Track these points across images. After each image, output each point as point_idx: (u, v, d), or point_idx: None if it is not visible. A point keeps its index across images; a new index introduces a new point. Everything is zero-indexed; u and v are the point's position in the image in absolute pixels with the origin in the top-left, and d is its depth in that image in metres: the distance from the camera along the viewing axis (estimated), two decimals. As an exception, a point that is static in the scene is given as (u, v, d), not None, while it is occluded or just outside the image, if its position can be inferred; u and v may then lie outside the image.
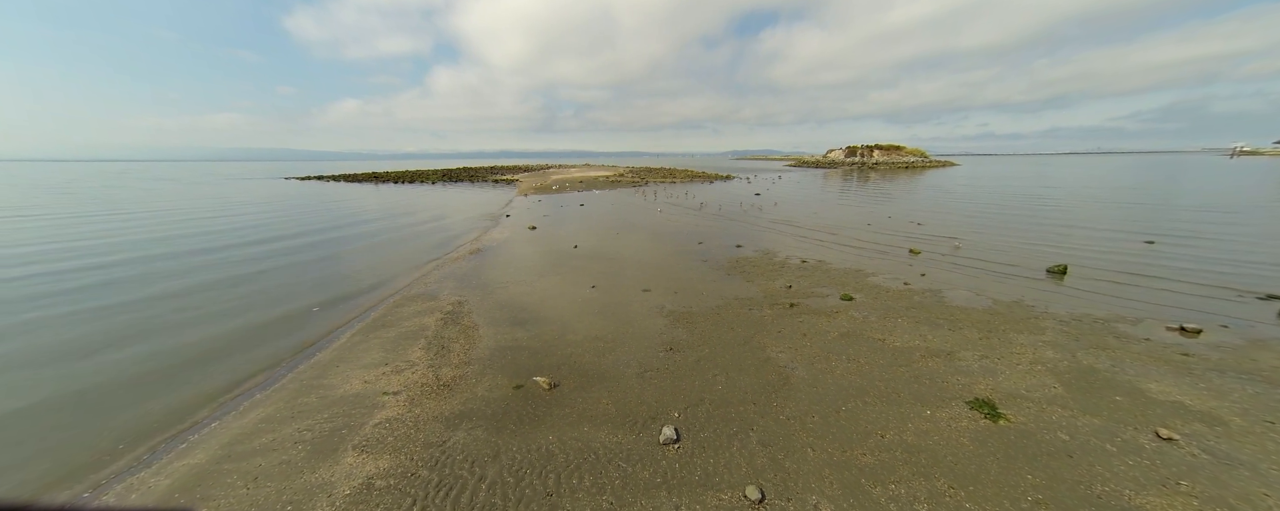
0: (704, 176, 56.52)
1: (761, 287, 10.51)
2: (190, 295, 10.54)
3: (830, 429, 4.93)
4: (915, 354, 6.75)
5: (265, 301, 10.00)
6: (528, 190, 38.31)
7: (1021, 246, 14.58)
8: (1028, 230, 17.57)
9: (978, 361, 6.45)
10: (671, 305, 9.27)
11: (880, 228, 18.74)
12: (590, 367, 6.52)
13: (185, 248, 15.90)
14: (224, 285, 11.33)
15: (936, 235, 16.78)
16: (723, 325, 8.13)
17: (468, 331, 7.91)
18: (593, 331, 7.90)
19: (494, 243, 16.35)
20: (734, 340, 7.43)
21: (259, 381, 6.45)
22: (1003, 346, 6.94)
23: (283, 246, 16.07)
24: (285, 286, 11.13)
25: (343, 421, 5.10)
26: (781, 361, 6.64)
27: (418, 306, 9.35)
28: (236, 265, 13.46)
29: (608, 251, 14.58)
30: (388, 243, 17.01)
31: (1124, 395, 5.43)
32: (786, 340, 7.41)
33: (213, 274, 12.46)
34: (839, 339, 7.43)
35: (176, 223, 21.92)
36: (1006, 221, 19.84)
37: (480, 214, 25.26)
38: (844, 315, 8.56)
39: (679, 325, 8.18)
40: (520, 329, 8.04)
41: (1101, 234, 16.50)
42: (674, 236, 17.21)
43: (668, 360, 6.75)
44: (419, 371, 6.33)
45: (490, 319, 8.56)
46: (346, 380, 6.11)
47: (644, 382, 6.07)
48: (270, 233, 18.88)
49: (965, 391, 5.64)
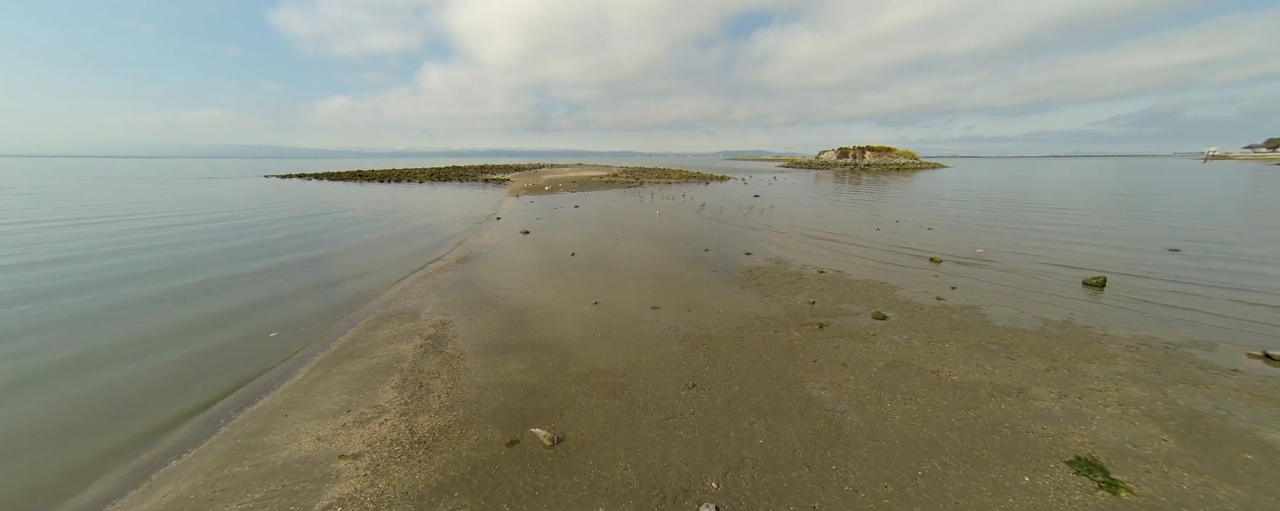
0: (699, 177, 55.61)
1: (782, 304, 9.50)
2: (116, 318, 8.89)
3: (912, 506, 3.90)
4: (980, 391, 5.77)
5: (211, 324, 8.51)
6: (519, 191, 36.93)
7: (1044, 254, 13.81)
8: (1043, 236, 16.87)
9: (1057, 401, 5.49)
10: (686, 327, 8.20)
11: (891, 233, 17.91)
12: (600, 413, 5.41)
13: (128, 260, 14.23)
14: (165, 303, 9.78)
15: (952, 241, 15.98)
16: (748, 352, 7.07)
17: (452, 362, 6.72)
18: (599, 361, 6.78)
19: (484, 249, 15.10)
20: (765, 373, 6.38)
21: (182, 439, 5.12)
22: (1077, 381, 6.00)
23: (244, 255, 14.54)
24: (239, 305, 9.62)
25: (280, 504, 3.91)
26: (826, 401, 5.60)
27: (394, 329, 8.12)
28: (186, 274, 11.97)
29: (608, 260, 13.45)
30: (366, 248, 15.63)
31: (1254, 451, 4.50)
32: (825, 373, 6.38)
33: (153, 286, 10.91)
34: (885, 370, 6.42)
35: (128, 229, 20.16)
36: (1020, 226, 19.17)
37: (469, 216, 23.90)
38: (882, 339, 7.57)
39: (698, 352, 7.11)
40: (514, 358, 6.89)
41: (1120, 240, 15.86)
42: (677, 242, 16.14)
43: (692, 401, 5.67)
44: (389, 422, 5.15)
45: (479, 345, 7.39)
46: (295, 437, 4.89)
47: (667, 435, 4.98)
48: (232, 240, 17.29)
49: (1058, 445, 4.66)
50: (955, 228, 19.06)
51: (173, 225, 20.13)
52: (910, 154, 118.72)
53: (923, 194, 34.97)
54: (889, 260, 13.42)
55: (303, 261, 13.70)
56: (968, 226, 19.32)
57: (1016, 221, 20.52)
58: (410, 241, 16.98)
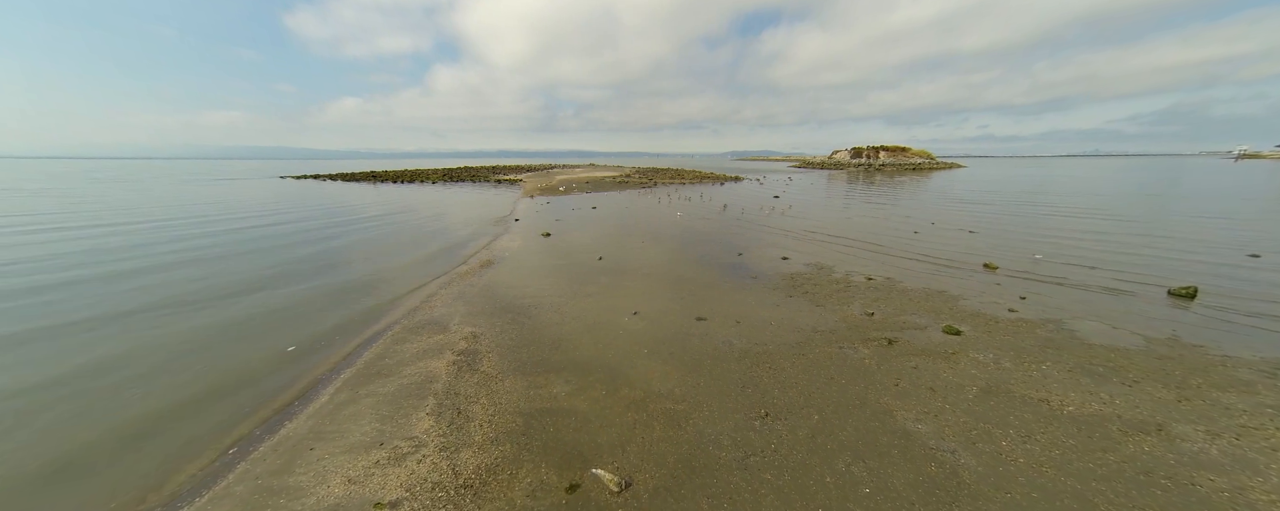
0: (713, 177, 54.72)
1: (838, 314, 8.69)
2: (115, 329, 8.16)
3: (1088, 588, 3.11)
4: (1109, 427, 4.93)
5: (226, 338, 7.75)
6: (533, 191, 36.41)
7: (1109, 261, 12.79)
8: (1101, 241, 15.79)
9: (1209, 442, 4.64)
10: (740, 341, 7.44)
11: (930, 236, 16.94)
12: (667, 448, 4.68)
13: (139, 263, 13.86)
14: (179, 310, 9.26)
15: (1001, 247, 15.00)
16: (817, 372, 6.30)
17: (490, 383, 6.05)
18: (652, 382, 6.06)
19: (506, 253, 14.47)
20: (844, 399, 5.60)
21: (191, 479, 4.44)
22: (1221, 415, 5.13)
23: (263, 260, 14.10)
24: (258, 315, 9.00)
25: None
26: (926, 437, 4.81)
27: (423, 342, 7.48)
28: (199, 287, 11.46)
29: (638, 264, 12.73)
30: (385, 252, 15.09)
31: None
32: (913, 399, 5.58)
33: (163, 293, 10.29)
34: (983, 398, 5.61)
35: (147, 230, 19.93)
36: (1071, 231, 18.07)
37: (487, 217, 23.36)
38: (964, 358, 6.74)
39: (761, 371, 6.35)
40: (557, 378, 6.19)
41: (1188, 245, 14.73)
42: (706, 246, 15.37)
43: (770, 434, 4.92)
44: (429, 459, 4.47)
45: (516, 362, 6.70)
46: (323, 477, 4.23)
47: (752, 478, 4.23)
48: (252, 242, 16.91)
49: (1241, 505, 3.83)
50: (998, 231, 18.02)
51: (186, 238, 19.86)
52: (926, 154, 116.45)
53: (948, 195, 33.74)
54: (939, 266, 12.52)
55: (319, 266, 13.18)
56: (1012, 230, 18.26)
57: (1064, 225, 19.41)
58: (429, 244, 16.43)
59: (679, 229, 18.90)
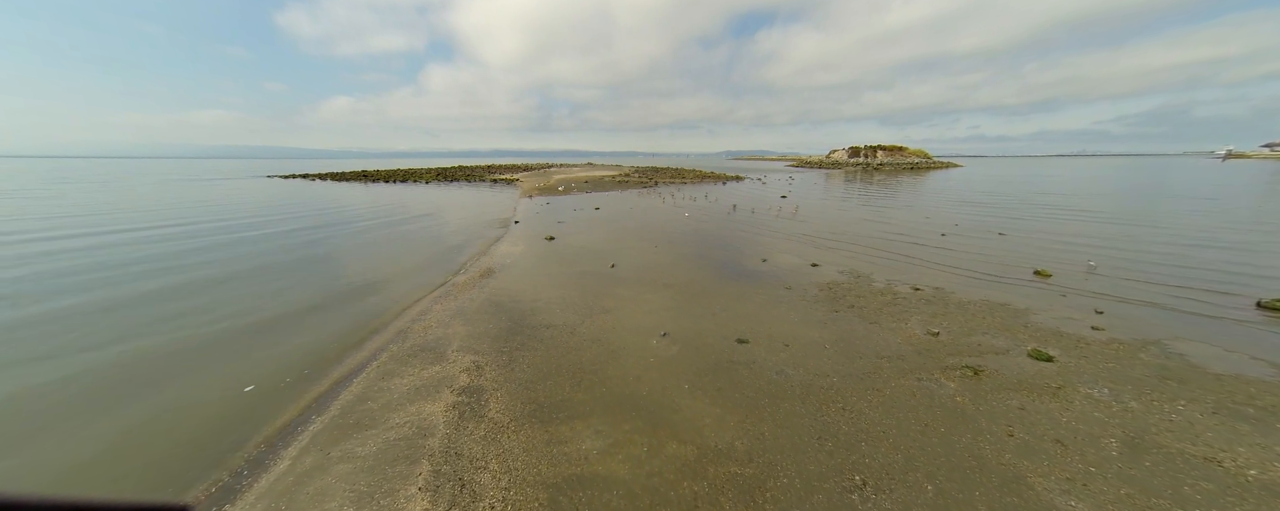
0: (714, 177, 53.62)
1: (897, 334, 7.50)
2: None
3: None
4: (1322, 503, 3.77)
5: (167, 375, 6.29)
6: (532, 191, 34.99)
7: (1167, 268, 11.77)
8: (1145, 245, 14.80)
9: None
10: (794, 370, 6.21)
11: (959, 240, 15.86)
12: (749, 544, 3.43)
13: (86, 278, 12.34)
14: (118, 328, 7.88)
15: (1039, 250, 13.96)
16: (902, 415, 5.09)
17: (499, 436, 4.75)
18: (705, 433, 4.81)
19: (508, 259, 13.14)
20: (954, 458, 4.39)
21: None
22: None
23: (233, 269, 12.64)
24: (215, 340, 7.54)
25: None
26: (1086, 519, 3.61)
27: (415, 376, 6.15)
28: (152, 305, 10.01)
29: (655, 273, 11.47)
30: (373, 259, 13.68)
31: None
32: (1042, 458, 4.39)
33: (103, 314, 8.91)
34: (1131, 456, 4.42)
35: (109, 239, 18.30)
36: (1109, 233, 17.12)
37: (484, 219, 21.96)
38: (1074, 394, 5.57)
39: (833, 413, 5.14)
40: (584, 428, 4.91)
41: (1242, 248, 13.79)
42: (725, 250, 14.14)
43: (879, 517, 3.69)
44: (422, 572, 3.18)
45: (530, 403, 5.41)
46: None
47: (883, 600, 2.99)
48: (220, 250, 15.41)
49: None
50: (1027, 234, 17.02)
51: (154, 231, 18.25)
52: (923, 153, 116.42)
53: (956, 196, 32.88)
54: (985, 273, 11.40)
55: (295, 279, 11.74)
56: (1040, 232, 17.27)
57: (1091, 229, 18.47)
58: (423, 249, 15.03)
59: (690, 231, 17.66)
